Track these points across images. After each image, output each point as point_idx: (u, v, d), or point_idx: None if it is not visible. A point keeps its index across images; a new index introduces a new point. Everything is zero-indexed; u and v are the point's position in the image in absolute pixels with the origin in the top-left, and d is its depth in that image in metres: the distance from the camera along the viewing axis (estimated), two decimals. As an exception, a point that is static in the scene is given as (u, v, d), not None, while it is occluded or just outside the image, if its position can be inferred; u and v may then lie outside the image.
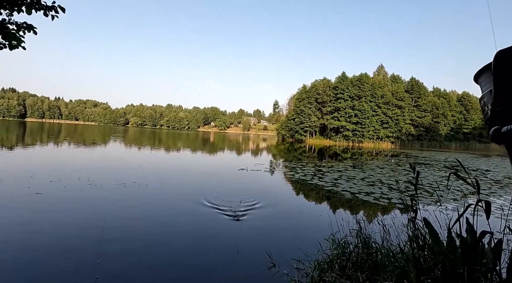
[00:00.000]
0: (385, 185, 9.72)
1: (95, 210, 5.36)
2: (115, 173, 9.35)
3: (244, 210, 5.68)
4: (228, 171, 12.23)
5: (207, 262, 3.59)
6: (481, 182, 11.63)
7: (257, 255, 3.79)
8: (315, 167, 13.95)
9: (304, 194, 8.18)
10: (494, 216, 6.16)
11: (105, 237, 4.08)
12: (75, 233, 4.21)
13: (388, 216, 5.96)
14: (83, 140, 24.99)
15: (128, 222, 4.82)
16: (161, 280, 3.11)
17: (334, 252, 3.53)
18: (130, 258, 3.55)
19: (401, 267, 2.48)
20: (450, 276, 2.13)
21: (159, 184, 8.02)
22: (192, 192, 7.29)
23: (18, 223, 4.47)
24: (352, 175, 11.70)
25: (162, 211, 5.62)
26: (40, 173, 8.42)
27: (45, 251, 3.59)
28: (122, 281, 3.02)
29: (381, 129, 50.72)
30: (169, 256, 3.70)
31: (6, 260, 3.29)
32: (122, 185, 7.51)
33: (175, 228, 4.72)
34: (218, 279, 3.22)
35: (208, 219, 5.14)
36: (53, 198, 5.98)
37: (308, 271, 3.31)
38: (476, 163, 22.53)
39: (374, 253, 3.19)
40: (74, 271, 3.15)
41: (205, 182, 9.09)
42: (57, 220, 4.70)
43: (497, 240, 2.16)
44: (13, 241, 3.83)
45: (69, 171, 9.04)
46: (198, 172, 11.42)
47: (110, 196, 6.39)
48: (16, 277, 2.98)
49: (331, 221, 4.46)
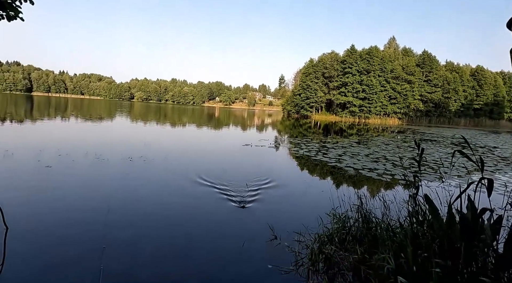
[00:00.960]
0: (389, 161, 9.70)
1: (103, 184, 5.52)
2: (122, 148, 9.50)
3: (247, 186, 5.78)
4: (233, 146, 12.31)
5: (211, 234, 3.72)
6: (488, 159, 11.53)
7: (259, 228, 3.91)
8: (320, 143, 13.93)
9: (307, 170, 8.24)
10: (497, 192, 6.17)
11: (112, 210, 4.22)
12: (83, 206, 4.37)
13: (389, 192, 6.02)
14: (89, 114, 25.18)
15: (134, 196, 4.96)
16: (166, 248, 3.26)
17: (334, 226, 3.61)
18: (136, 230, 3.70)
19: (399, 242, 2.54)
20: (447, 251, 2.17)
21: (165, 159, 8.15)
22: (197, 167, 7.40)
23: (29, 194, 4.64)
24: (356, 152, 11.68)
25: (168, 185, 5.76)
26: (49, 147, 8.60)
27: (55, 223, 3.76)
28: (128, 251, 3.17)
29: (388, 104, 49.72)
30: (174, 226, 3.84)
31: (20, 230, 3.46)
32: (129, 159, 7.65)
33: (180, 201, 4.85)
34: (221, 249, 3.35)
35: (211, 194, 5.26)
36: (62, 171, 6.14)
37: (309, 243, 3.42)
38: (485, 139, 22.20)
39: (374, 228, 3.26)
40: (83, 241, 3.31)
41: (209, 158, 9.20)
42: (67, 193, 4.87)
43: (497, 216, 2.16)
44: (26, 212, 4.00)
45: (77, 146, 9.21)
46: (203, 147, 11.53)
47: (117, 171, 6.54)
48: (29, 246, 3.15)
49: (333, 196, 4.52)
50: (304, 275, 2.87)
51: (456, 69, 56.50)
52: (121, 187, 5.40)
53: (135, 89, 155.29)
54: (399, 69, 50.90)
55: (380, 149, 12.81)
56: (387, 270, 2.10)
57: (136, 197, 4.88)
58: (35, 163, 6.60)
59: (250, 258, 3.18)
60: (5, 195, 4.44)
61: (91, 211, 4.17)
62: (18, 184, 5.15)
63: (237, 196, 5.10)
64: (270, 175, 6.73)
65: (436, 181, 7.22)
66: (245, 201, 4.86)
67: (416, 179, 2.93)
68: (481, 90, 55.41)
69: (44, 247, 3.14)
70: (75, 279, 2.63)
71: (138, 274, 2.77)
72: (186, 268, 2.93)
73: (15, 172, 5.84)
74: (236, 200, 4.92)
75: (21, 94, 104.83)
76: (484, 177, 1.96)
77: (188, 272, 2.86)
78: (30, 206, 4.20)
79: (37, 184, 5.25)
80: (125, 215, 4.12)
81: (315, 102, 53.03)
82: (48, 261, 2.88)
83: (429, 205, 2.48)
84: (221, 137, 16.15)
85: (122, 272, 2.78)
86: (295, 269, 2.97)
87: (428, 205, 2.49)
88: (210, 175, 6.38)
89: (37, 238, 3.32)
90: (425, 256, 2.15)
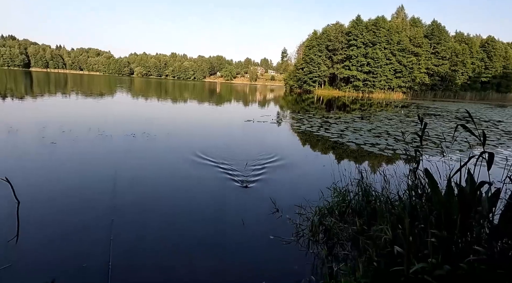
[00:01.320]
0: (392, 136, 9.69)
1: (107, 160, 5.61)
2: (124, 124, 9.53)
3: (249, 161, 5.85)
4: (235, 122, 12.29)
5: (214, 207, 3.84)
6: (490, 133, 11.47)
7: (261, 201, 4.01)
8: (322, 119, 13.85)
9: (309, 145, 8.28)
10: (497, 166, 6.21)
11: (118, 185, 4.33)
12: (89, 182, 4.48)
13: (390, 166, 6.08)
14: (90, 90, 24.95)
15: (139, 173, 5.06)
16: (171, 222, 3.39)
17: (335, 200, 3.70)
18: (142, 206, 3.82)
19: (397, 214, 2.61)
20: (443, 223, 2.24)
21: (168, 135, 8.19)
22: (199, 143, 7.46)
23: (37, 170, 4.75)
24: (359, 127, 11.64)
25: (171, 162, 5.85)
26: (52, 123, 8.64)
27: (64, 197, 3.88)
28: (136, 224, 3.30)
29: (393, 78, 48.56)
30: (178, 201, 3.95)
31: (31, 204, 3.59)
32: (131, 135, 7.70)
33: (183, 175, 4.96)
34: (224, 221, 3.47)
35: (214, 168, 5.34)
36: (67, 147, 6.23)
37: (309, 216, 3.53)
38: (490, 113, 21.92)
39: (373, 201, 3.34)
40: (92, 215, 3.44)
41: (212, 134, 9.23)
42: (73, 168, 4.97)
43: (495, 189, 2.20)
44: (35, 186, 4.12)
45: (80, 122, 9.24)
46: (205, 123, 11.53)
47: (121, 147, 6.61)
48: (40, 218, 3.29)
49: (334, 171, 4.58)
50: (305, 245, 3.00)
51: (466, 40, 54.34)
52: (125, 163, 5.49)
53: (134, 64, 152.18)
54: (406, 41, 49.05)
55: (383, 124, 12.74)
56: (384, 240, 2.19)
57: (141, 173, 4.98)
58: (40, 139, 6.67)
59: (252, 229, 3.30)
60: (14, 170, 4.55)
61: (97, 185, 4.28)
62: (26, 160, 5.25)
63: (239, 171, 5.18)
64: (272, 151, 6.79)
65: (437, 156, 7.26)
66: (247, 176, 4.95)
67: (418, 154, 2.94)
68: (490, 62, 53.66)
69: (55, 220, 3.28)
70: (86, 248, 2.77)
71: (145, 245, 2.91)
72: (190, 239, 3.06)
73: (21, 149, 5.93)
74: (238, 174, 5.01)
75: (19, 70, 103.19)
76: (485, 151, 1.97)
77: (193, 243, 2.99)
78: (39, 181, 4.32)
79: (43, 159, 5.35)
80: (131, 191, 4.24)
81: (318, 77, 51.87)
82: (59, 233, 3.02)
83: (429, 179, 2.52)
84: (223, 113, 16.08)
85: (130, 243, 2.91)
86: (296, 239, 3.10)
87: (428, 178, 2.52)
88: (212, 151, 6.44)
89: (47, 211, 3.45)
90: (422, 227, 2.23)
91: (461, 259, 1.96)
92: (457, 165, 6.11)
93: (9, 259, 2.55)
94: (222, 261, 2.72)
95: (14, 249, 2.70)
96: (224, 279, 2.48)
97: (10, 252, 2.65)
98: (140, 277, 2.45)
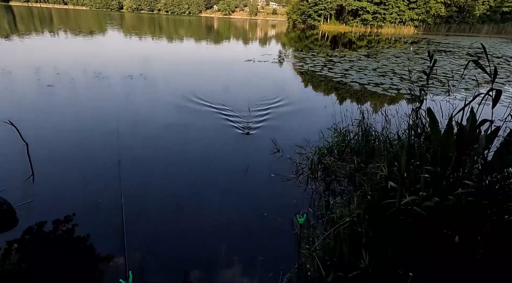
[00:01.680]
0: (397, 75, 9.36)
1: (107, 103, 5.56)
2: (120, 65, 9.16)
3: (251, 102, 5.79)
4: (235, 62, 11.76)
5: (216, 147, 3.96)
6: (501, 71, 11.03)
7: (262, 141, 4.11)
8: (326, 57, 13.19)
9: (312, 85, 8.07)
10: (501, 105, 6.14)
11: (121, 129, 4.38)
12: (92, 124, 4.53)
13: (392, 107, 6.02)
14: (79, 28, 23.27)
15: (139, 116, 5.07)
16: (174, 163, 3.54)
17: (334, 140, 3.78)
18: (146, 147, 3.93)
19: (395, 152, 2.69)
20: (439, 160, 2.31)
21: (166, 77, 7.95)
22: (199, 84, 7.28)
23: (39, 113, 4.76)
24: (364, 66, 11.15)
25: (170, 103, 5.79)
26: (45, 65, 8.32)
27: (69, 138, 3.97)
28: (141, 164, 3.45)
29: (406, 10, 44.46)
30: (180, 140, 4.06)
31: (39, 146, 3.70)
32: (129, 77, 7.48)
33: (184, 117, 4.98)
34: (226, 160, 3.62)
35: (216, 109, 5.33)
36: (65, 90, 6.12)
37: (309, 155, 3.65)
38: (505, 49, 20.69)
39: (372, 141, 3.41)
40: (99, 156, 3.57)
41: (211, 74, 8.93)
42: (75, 111, 4.97)
43: (495, 127, 2.21)
44: (40, 129, 4.19)
45: (74, 63, 8.88)
46: (203, 63, 11.04)
47: (119, 89, 6.49)
48: (51, 158, 3.43)
49: (336, 111, 4.57)
50: (304, 182, 3.18)
51: (494, -39, 47.89)
52: (126, 106, 5.46)
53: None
54: (425, -36, 43.38)
55: (389, 63, 12.18)
56: (380, 176, 2.30)
57: (142, 117, 5.00)
58: (35, 82, 6.52)
59: (254, 168, 3.45)
60: (15, 114, 4.56)
61: (100, 128, 4.35)
62: (25, 103, 5.22)
63: (241, 112, 5.18)
64: (274, 92, 6.66)
65: (442, 95, 7.12)
66: (248, 116, 4.97)
67: (422, 93, 2.88)
68: (516, -11, 48.21)
69: (65, 161, 3.42)
70: (98, 187, 2.96)
71: (153, 184, 3.09)
72: (195, 177, 3.23)
73: (19, 92, 5.84)
74: (239, 115, 5.02)
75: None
76: (493, 88, 1.91)
77: (197, 180, 3.17)
78: (43, 124, 4.37)
79: (43, 103, 5.32)
80: (134, 132, 4.31)
81: (324, 9, 47.51)
82: (71, 172, 3.19)
83: (430, 118, 2.51)
84: (222, 52, 15.27)
85: (139, 182, 3.10)
86: (296, 177, 3.27)
87: (429, 117, 2.52)
88: (213, 92, 6.33)
89: (56, 151, 3.59)
90: (417, 164, 2.31)
91: (450, 192, 2.08)
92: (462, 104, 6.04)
93: (29, 195, 2.76)
94: (225, 196, 2.92)
95: (32, 187, 2.89)
96: (227, 212, 2.70)
97: (29, 189, 2.85)
98: (151, 211, 2.67)
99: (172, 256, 2.18)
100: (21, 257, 2.12)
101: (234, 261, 2.16)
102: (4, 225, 2.42)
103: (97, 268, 2.07)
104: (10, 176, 3.06)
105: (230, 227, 2.51)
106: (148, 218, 2.57)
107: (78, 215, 2.56)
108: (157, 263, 2.11)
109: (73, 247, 2.25)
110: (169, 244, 2.29)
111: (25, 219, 2.48)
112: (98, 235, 2.35)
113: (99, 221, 2.50)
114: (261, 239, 2.38)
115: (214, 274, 2.05)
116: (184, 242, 2.32)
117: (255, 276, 2.04)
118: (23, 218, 2.49)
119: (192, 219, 2.59)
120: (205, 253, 2.23)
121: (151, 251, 2.21)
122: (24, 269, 1.99)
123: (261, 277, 2.02)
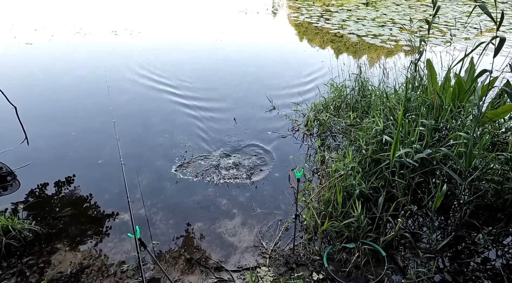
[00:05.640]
0: (397, 25, 8.92)
1: (94, 60, 5.29)
2: (102, 19, 8.50)
3: (245, 56, 5.56)
4: (226, 13, 10.99)
5: (217, 106, 3.90)
6: (507, 17, 10.55)
7: (258, 100, 4.04)
8: (323, 7, 12.36)
9: (307, 38, 7.71)
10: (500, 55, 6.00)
11: (112, 88, 4.21)
12: (80, 83, 4.36)
13: (390, 59, 5.84)
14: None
15: (129, 73, 4.84)
16: (168, 120, 3.51)
17: (331, 96, 3.73)
18: (138, 105, 3.85)
19: (391, 106, 2.69)
20: (434, 112, 2.33)
21: (153, 31, 7.46)
22: (189, 41, 6.88)
23: (22, 73, 4.53)
24: (362, 15, 10.53)
25: (160, 61, 5.52)
26: (19, 20, 7.68)
27: (60, 101, 3.86)
28: (136, 125, 3.42)
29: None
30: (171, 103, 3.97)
31: (29, 107, 3.59)
32: (113, 33, 7.00)
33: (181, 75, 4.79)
34: (221, 120, 3.60)
35: (209, 64, 5.13)
36: (46, 48, 5.76)
37: (305, 112, 3.64)
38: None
39: (369, 95, 3.38)
40: (93, 116, 3.51)
41: (201, 29, 8.39)
42: (60, 70, 4.73)
43: (492, 78, 2.19)
44: (27, 90, 4.03)
45: (51, 17, 8.20)
46: (191, 14, 10.29)
47: (105, 46, 6.11)
48: (41, 120, 3.37)
49: (332, 66, 4.42)
50: (300, 138, 3.22)
51: None
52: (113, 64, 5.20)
53: None
54: None
55: (389, 11, 11.50)
56: (375, 130, 2.32)
57: (131, 75, 4.78)
58: (12, 40, 6.09)
59: (250, 126, 3.46)
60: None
61: (90, 87, 4.21)
62: (5, 64, 4.94)
63: (235, 69, 5.01)
64: (267, 47, 6.38)
65: (442, 46, 6.90)
66: (244, 74, 4.82)
67: (422, 44, 2.77)
68: None
69: (57, 122, 3.38)
70: (96, 147, 2.97)
71: (149, 144, 3.11)
72: (189, 136, 3.24)
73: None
74: (233, 72, 4.86)
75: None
76: (497, 36, 1.84)
77: (192, 137, 3.19)
78: (28, 85, 4.21)
79: (24, 63, 5.04)
80: (125, 92, 4.19)
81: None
82: (66, 134, 3.16)
83: (429, 69, 2.46)
84: (212, 2, 14.15)
85: (136, 142, 3.11)
86: (292, 134, 3.30)
87: (428, 69, 2.47)
88: (203, 47, 6.03)
89: (46, 112, 3.51)
90: (413, 117, 2.33)
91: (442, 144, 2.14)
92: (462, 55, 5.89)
93: (27, 158, 2.76)
94: (224, 151, 2.97)
95: (28, 149, 2.87)
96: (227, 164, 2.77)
97: (26, 152, 2.84)
98: (150, 171, 2.72)
99: (173, 209, 2.29)
100: (27, 217, 2.21)
101: (234, 214, 2.29)
102: (7, 188, 2.47)
103: (104, 225, 2.18)
104: (2, 140, 3.03)
105: (229, 187, 2.60)
106: (148, 175, 2.63)
107: (79, 177, 2.61)
108: (162, 213, 2.23)
109: (79, 207, 2.34)
110: (170, 199, 2.39)
111: (26, 181, 2.52)
112: (102, 194, 2.43)
113: (101, 180, 2.57)
114: (260, 193, 2.49)
115: (218, 225, 2.18)
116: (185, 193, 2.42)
117: (255, 225, 2.18)
118: (25, 181, 2.53)
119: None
120: (207, 205, 2.34)
121: (155, 204, 2.32)
122: (33, 229, 2.08)
123: (260, 226, 2.16)
